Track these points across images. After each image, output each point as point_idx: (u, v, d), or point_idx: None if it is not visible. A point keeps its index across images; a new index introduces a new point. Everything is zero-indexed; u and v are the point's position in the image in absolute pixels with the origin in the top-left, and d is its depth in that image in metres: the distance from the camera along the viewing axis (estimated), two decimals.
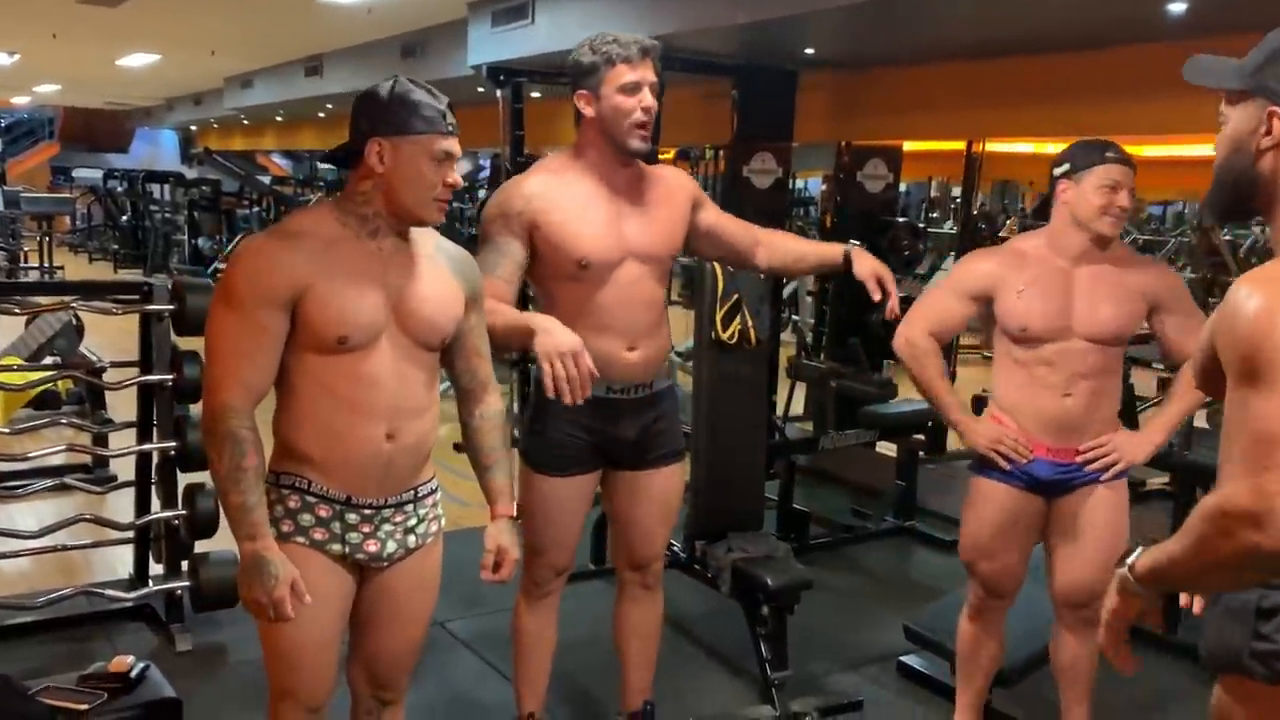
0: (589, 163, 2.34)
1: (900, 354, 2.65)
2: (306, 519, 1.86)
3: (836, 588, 4.13)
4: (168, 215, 14.10)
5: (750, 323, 3.38)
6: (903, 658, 3.42)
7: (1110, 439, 2.52)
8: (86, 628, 3.49)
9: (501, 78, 5.92)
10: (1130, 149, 2.50)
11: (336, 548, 1.89)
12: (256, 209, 11.88)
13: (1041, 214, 2.62)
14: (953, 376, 5.85)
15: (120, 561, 4.00)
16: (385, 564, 1.94)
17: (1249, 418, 1.26)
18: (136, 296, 3.49)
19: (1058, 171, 2.49)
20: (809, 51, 4.96)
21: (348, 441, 1.85)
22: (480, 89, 6.58)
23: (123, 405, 4.31)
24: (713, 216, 2.56)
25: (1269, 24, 1.51)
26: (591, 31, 4.86)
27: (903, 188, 6.53)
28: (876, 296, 2.53)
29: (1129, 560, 1.51)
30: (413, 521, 1.96)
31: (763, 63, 5.34)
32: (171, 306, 3.42)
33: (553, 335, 2.11)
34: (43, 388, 5.18)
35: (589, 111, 2.28)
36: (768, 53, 5.16)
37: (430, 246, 1.95)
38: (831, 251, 2.67)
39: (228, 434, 1.75)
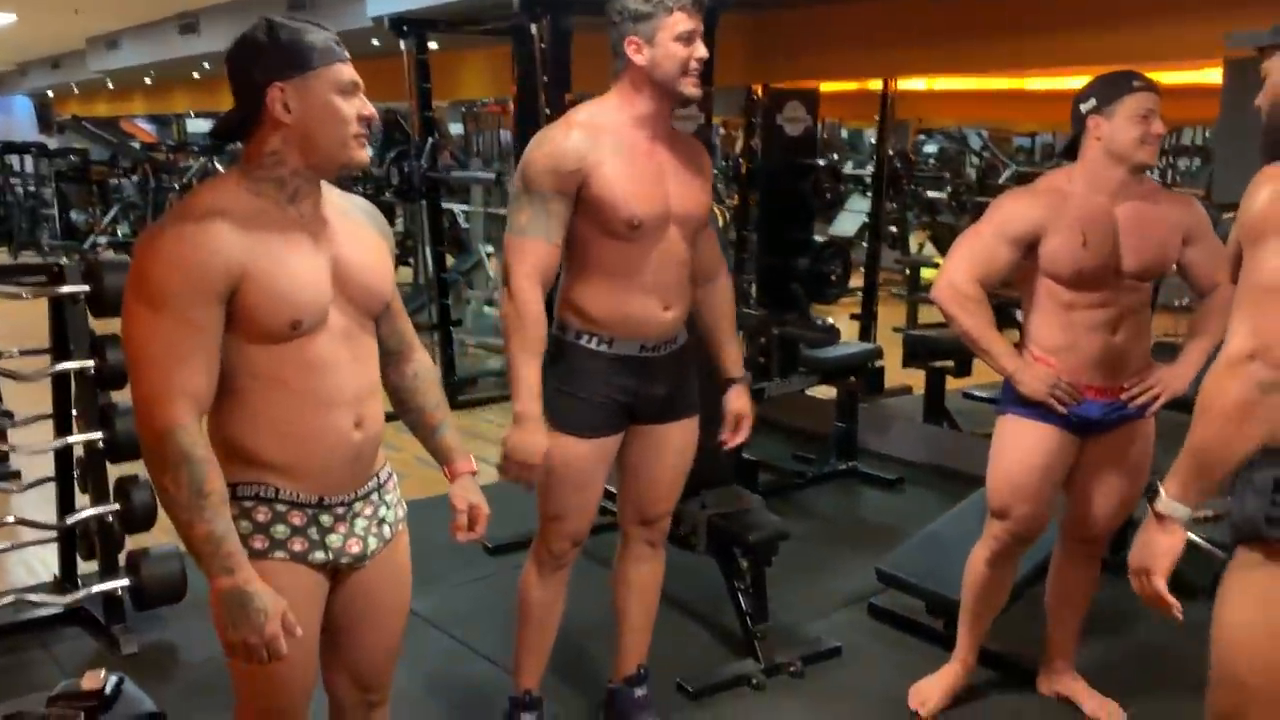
0: (635, 115, 2.26)
1: (942, 301, 2.55)
2: (280, 530, 1.67)
3: (793, 533, 4.08)
4: (31, 189, 13.25)
5: None
6: (873, 599, 3.44)
7: (1155, 375, 2.54)
8: (16, 637, 3.25)
9: (405, 28, 5.69)
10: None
11: (320, 555, 1.71)
12: (134, 178, 11.24)
13: (1070, 153, 2.52)
14: (874, 315, 5.94)
15: (39, 564, 3.75)
16: (366, 562, 1.79)
17: (1248, 272, 1.53)
18: (45, 278, 3.23)
19: (1085, 108, 2.44)
20: None
21: (315, 438, 1.66)
22: (375, 41, 6.31)
23: (22, 397, 4.01)
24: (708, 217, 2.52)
25: None
26: None
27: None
28: (728, 437, 2.56)
29: (1159, 489, 1.62)
30: (383, 511, 1.82)
31: None
32: (86, 288, 3.17)
33: (527, 440, 2.24)
34: None
35: (639, 59, 2.20)
36: None
37: (343, 203, 1.77)
38: (728, 364, 2.59)
39: (181, 457, 1.51)
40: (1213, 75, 5.59)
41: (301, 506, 1.68)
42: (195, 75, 11.25)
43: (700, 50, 2.20)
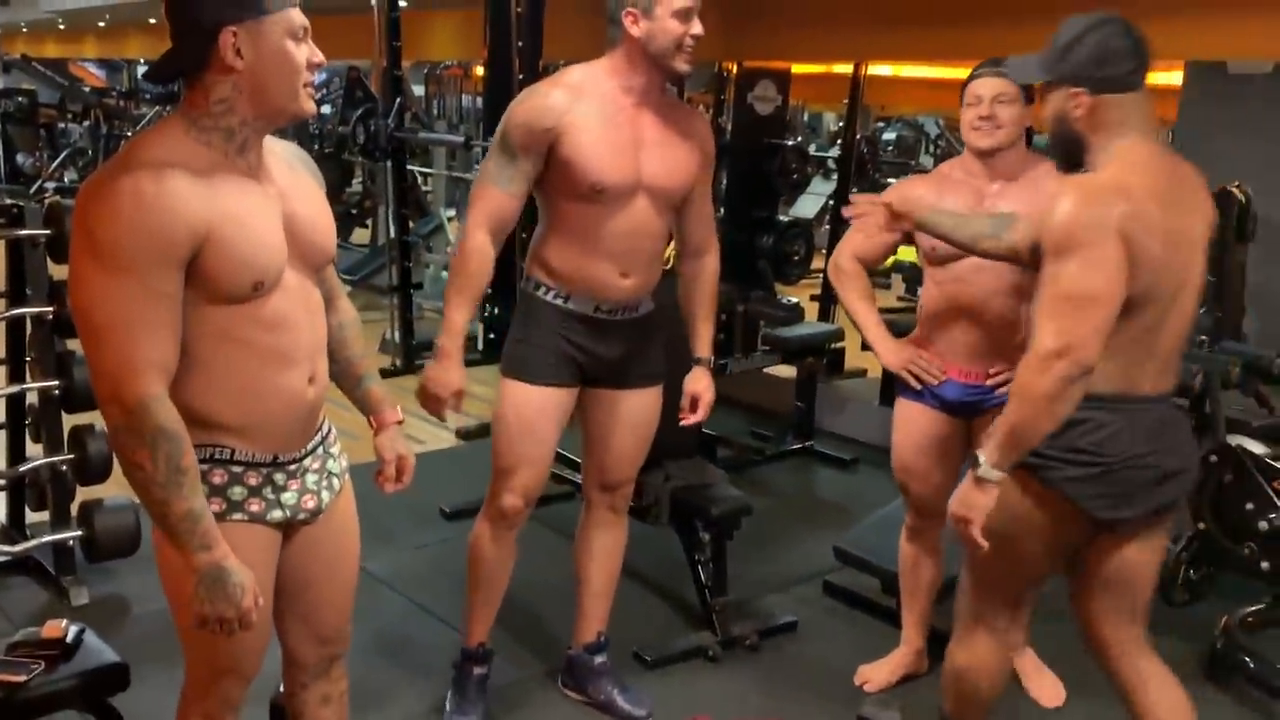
0: (623, 84, 2.30)
1: (830, 278, 2.76)
2: (238, 492, 1.64)
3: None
4: None
5: (671, 250, 3.33)
6: (829, 576, 3.49)
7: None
8: None
9: None
10: (968, 73, 2.55)
11: (277, 514, 1.69)
12: (85, 124, 10.93)
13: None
14: (834, 298, 5.97)
15: None
16: (319, 517, 1.78)
17: (1053, 280, 1.83)
18: (3, 220, 3.15)
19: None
20: None
21: (272, 396, 1.63)
22: None
23: None
24: (698, 191, 2.50)
25: None
26: None
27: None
28: (684, 415, 2.58)
29: (981, 461, 1.90)
30: (330, 464, 1.80)
31: None
32: (48, 232, 3.10)
33: (442, 375, 2.32)
34: None
35: (635, 30, 2.23)
36: None
37: (286, 154, 1.71)
38: (697, 342, 2.62)
39: (158, 431, 1.45)
40: (1173, 77, 5.70)
41: (256, 466, 1.65)
42: (152, 20, 10.95)
43: (696, 27, 2.25)
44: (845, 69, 5.89)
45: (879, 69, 7.79)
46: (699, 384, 2.58)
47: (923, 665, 2.96)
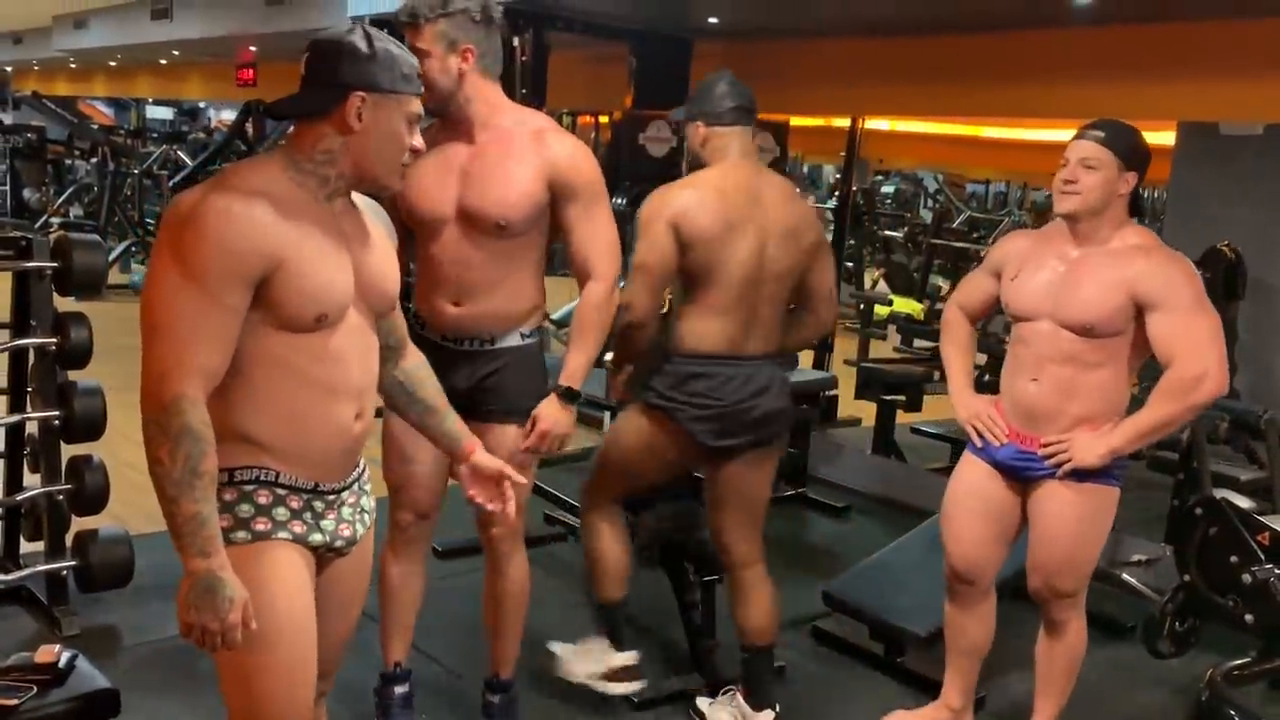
0: (440, 121, 2.42)
1: (941, 327, 2.83)
2: (281, 513, 1.68)
3: None
4: None
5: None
6: (817, 622, 3.50)
7: (1071, 436, 2.45)
8: None
9: (385, 31, 5.70)
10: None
11: (317, 537, 1.73)
12: (92, 160, 11.05)
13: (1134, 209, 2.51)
14: (830, 346, 6.04)
15: None
16: (349, 549, 1.82)
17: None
18: (11, 252, 3.20)
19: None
20: (712, 20, 4.95)
21: (317, 426, 1.69)
22: None
23: None
24: (573, 216, 2.42)
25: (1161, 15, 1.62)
26: None
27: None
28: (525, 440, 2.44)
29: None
30: (364, 500, 1.86)
31: (661, 29, 5.31)
32: (55, 264, 3.15)
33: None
34: None
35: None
36: (669, 19, 5.13)
37: (363, 204, 1.82)
38: (570, 367, 2.47)
39: (183, 430, 1.51)
40: (1165, 137, 5.80)
41: (298, 491, 1.70)
42: (162, 61, 11.14)
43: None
44: (844, 122, 5.99)
45: (876, 123, 7.94)
46: (544, 409, 2.43)
47: None
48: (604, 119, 6.34)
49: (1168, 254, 2.44)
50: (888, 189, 13.04)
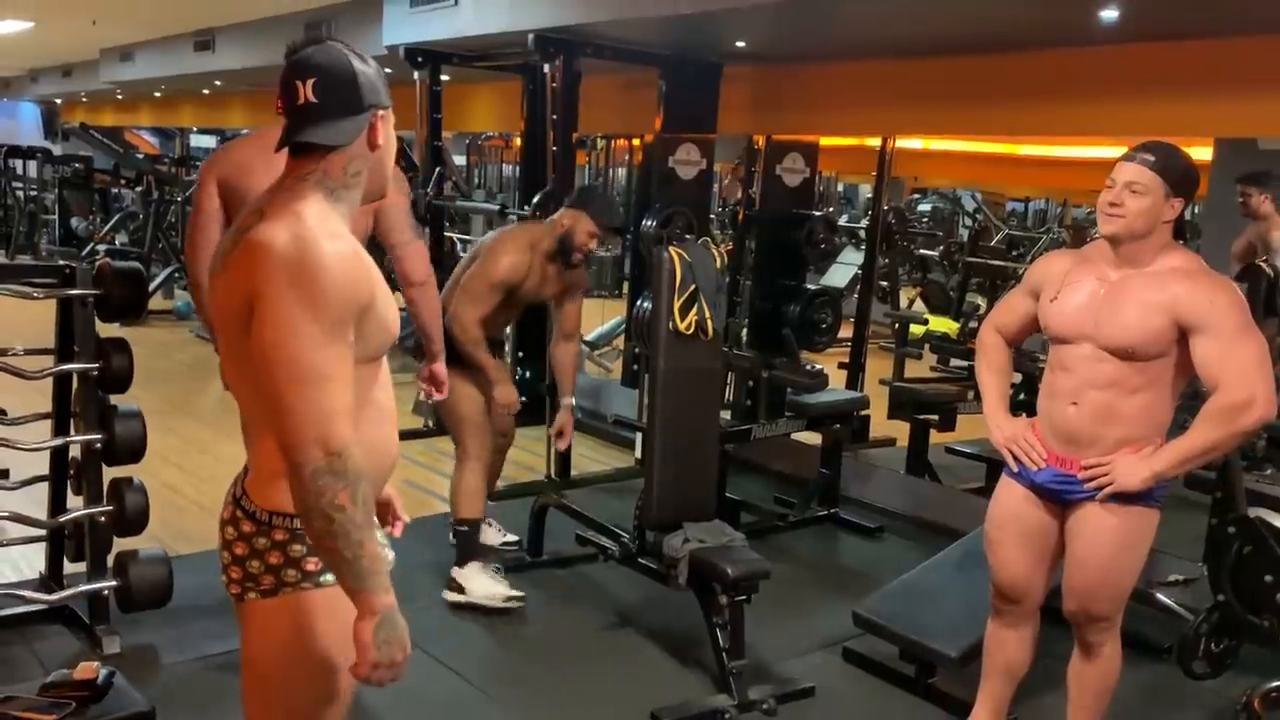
0: None
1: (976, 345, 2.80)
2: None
3: (771, 575, 4.17)
4: (34, 193, 13.29)
5: (707, 313, 3.43)
6: (848, 643, 3.49)
7: (1112, 458, 2.40)
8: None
9: (420, 59, 5.81)
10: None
11: (391, 557, 1.75)
12: (137, 189, 11.30)
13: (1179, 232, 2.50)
14: (863, 366, 6.02)
15: (24, 563, 3.78)
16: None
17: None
18: (55, 280, 3.29)
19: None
20: (740, 44, 4.99)
21: (384, 452, 1.73)
22: (388, 69, 6.42)
23: (12, 397, 4.05)
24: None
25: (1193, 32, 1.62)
26: (520, 14, 4.85)
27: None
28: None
29: None
30: (383, 525, 1.88)
31: (690, 54, 5.36)
32: (97, 291, 3.24)
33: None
34: None
35: None
36: (697, 44, 5.18)
37: None
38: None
39: (358, 472, 1.51)
40: (1203, 153, 5.75)
41: None
42: (205, 92, 11.37)
43: None
44: (876, 142, 6.00)
45: (911, 142, 7.94)
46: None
47: None
48: (635, 142, 6.40)
49: (1212, 277, 2.41)
50: (924, 207, 12.99)
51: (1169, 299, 2.35)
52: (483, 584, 3.66)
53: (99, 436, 3.26)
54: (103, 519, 3.28)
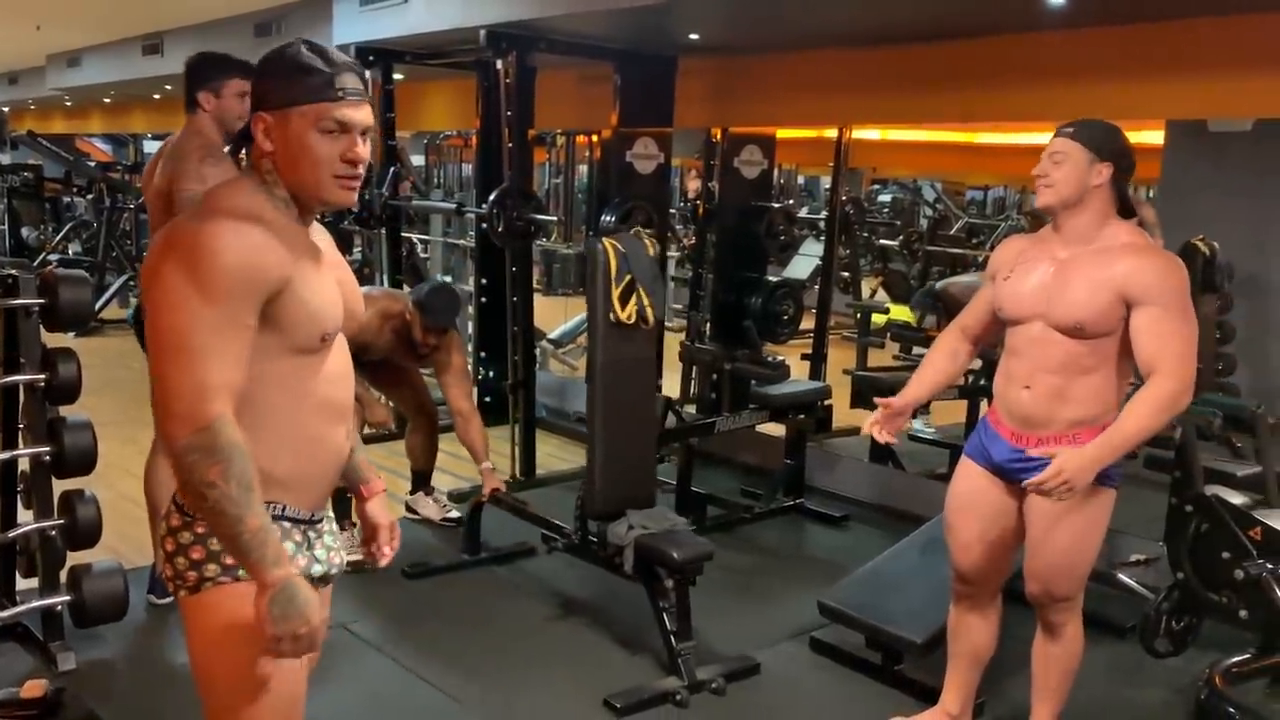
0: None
1: None
2: (289, 548, 1.64)
3: (738, 567, 4.18)
4: None
5: (646, 302, 3.47)
6: (815, 633, 3.49)
7: (1057, 464, 2.31)
8: None
9: (372, 58, 5.74)
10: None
11: (318, 569, 1.71)
12: (89, 197, 11.12)
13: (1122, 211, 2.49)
14: (825, 357, 6.04)
15: None
16: (333, 577, 1.79)
17: None
18: None
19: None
20: (693, 37, 4.97)
21: (324, 450, 1.69)
22: None
23: None
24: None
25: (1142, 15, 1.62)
26: (471, 10, 4.78)
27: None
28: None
29: None
30: (334, 526, 1.83)
31: (645, 48, 5.33)
32: (42, 301, 3.17)
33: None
34: None
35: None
36: (651, 38, 5.15)
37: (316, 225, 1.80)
38: None
39: (231, 447, 1.47)
40: (1154, 136, 5.80)
41: (299, 522, 1.69)
42: (156, 96, 11.18)
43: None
44: (834, 133, 6.00)
45: (869, 133, 7.98)
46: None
47: None
48: (595, 138, 6.38)
49: (1161, 254, 2.42)
50: (885, 197, 13.05)
51: (1116, 274, 2.36)
52: (430, 508, 4.48)
53: (48, 449, 3.19)
54: (53, 533, 3.21)
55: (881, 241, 10.14)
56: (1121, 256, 2.38)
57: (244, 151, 1.69)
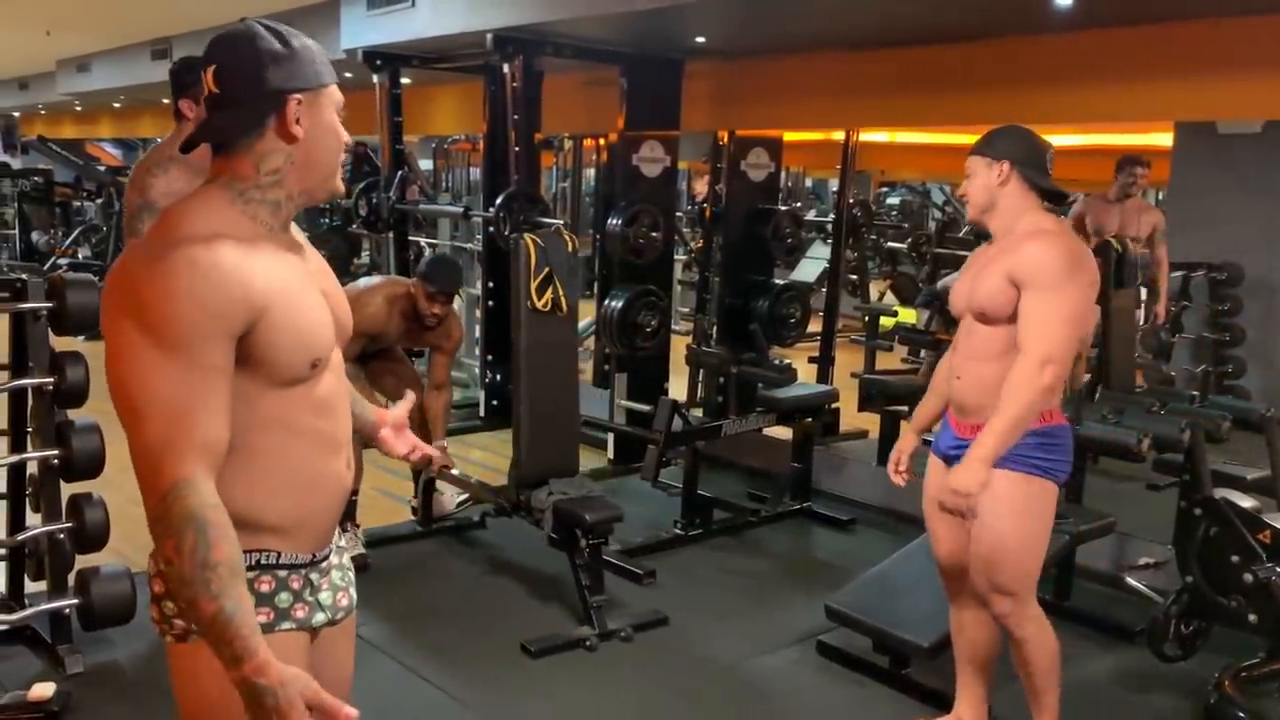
0: None
1: None
2: (284, 599, 1.51)
3: (745, 571, 4.18)
4: None
5: (561, 292, 3.78)
6: (822, 637, 3.48)
7: (950, 484, 2.42)
8: None
9: (379, 62, 5.76)
10: (970, 140, 2.62)
11: (320, 617, 1.56)
12: (98, 201, 11.17)
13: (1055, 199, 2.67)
14: (832, 360, 6.03)
15: None
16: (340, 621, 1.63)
17: None
18: (7, 294, 3.22)
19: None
20: (699, 40, 4.97)
21: (320, 487, 1.53)
22: (348, 74, 6.37)
23: None
24: None
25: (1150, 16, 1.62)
26: (477, 15, 4.79)
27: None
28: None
29: None
30: (344, 559, 1.68)
31: (651, 51, 5.33)
32: (49, 304, 3.18)
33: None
34: None
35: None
36: (658, 41, 5.16)
37: (297, 231, 1.60)
38: None
39: (186, 519, 1.30)
40: (1164, 138, 5.78)
41: (298, 568, 1.54)
42: (165, 101, 11.19)
43: None
44: (841, 136, 6.00)
45: (877, 136, 7.97)
46: None
47: None
48: (602, 141, 6.39)
49: (1044, 237, 2.45)
50: (893, 200, 13.03)
51: (1008, 261, 2.47)
52: (446, 500, 4.58)
53: (56, 453, 3.19)
54: (62, 536, 3.22)
55: (890, 244, 10.13)
56: (1018, 244, 2.48)
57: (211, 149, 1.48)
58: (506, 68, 5.03)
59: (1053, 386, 2.41)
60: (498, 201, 4.99)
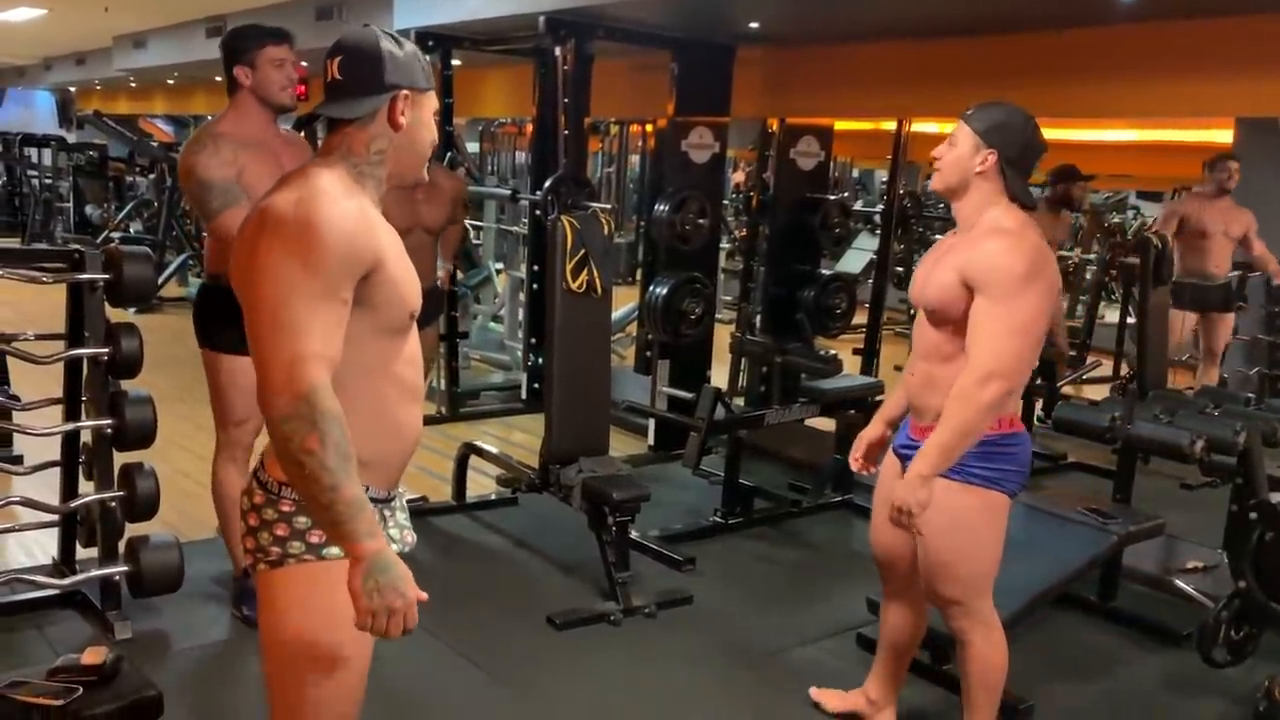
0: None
1: None
2: None
3: (785, 561, 4.16)
4: (48, 181, 13.34)
5: (596, 274, 3.81)
6: (862, 630, 3.46)
7: (894, 500, 2.35)
8: (11, 618, 3.27)
9: (431, 44, 5.77)
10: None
11: (394, 548, 1.64)
12: (151, 176, 11.33)
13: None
14: (877, 351, 5.98)
15: (37, 549, 3.79)
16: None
17: None
18: (65, 265, 3.27)
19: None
20: (753, 25, 4.94)
21: (406, 431, 1.72)
22: None
23: (27, 382, 4.05)
24: None
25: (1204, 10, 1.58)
26: None
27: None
28: None
29: None
30: (404, 503, 1.85)
31: (703, 36, 5.31)
32: (106, 276, 3.23)
33: None
34: None
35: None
36: (710, 26, 5.13)
37: None
38: None
39: (330, 414, 1.47)
40: (1224, 135, 5.67)
41: (378, 502, 1.68)
42: (218, 78, 11.33)
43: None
44: (892, 125, 5.93)
45: (924, 126, 7.89)
46: None
47: (874, 717, 2.90)
48: (649, 128, 6.38)
49: (1007, 238, 2.29)
50: None
51: (963, 258, 2.32)
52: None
53: (109, 422, 3.24)
54: (113, 504, 3.28)
55: (937, 236, 10.04)
56: (976, 240, 2.32)
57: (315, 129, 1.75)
58: (558, 51, 5.03)
59: (994, 403, 2.26)
60: (546, 185, 5.00)
